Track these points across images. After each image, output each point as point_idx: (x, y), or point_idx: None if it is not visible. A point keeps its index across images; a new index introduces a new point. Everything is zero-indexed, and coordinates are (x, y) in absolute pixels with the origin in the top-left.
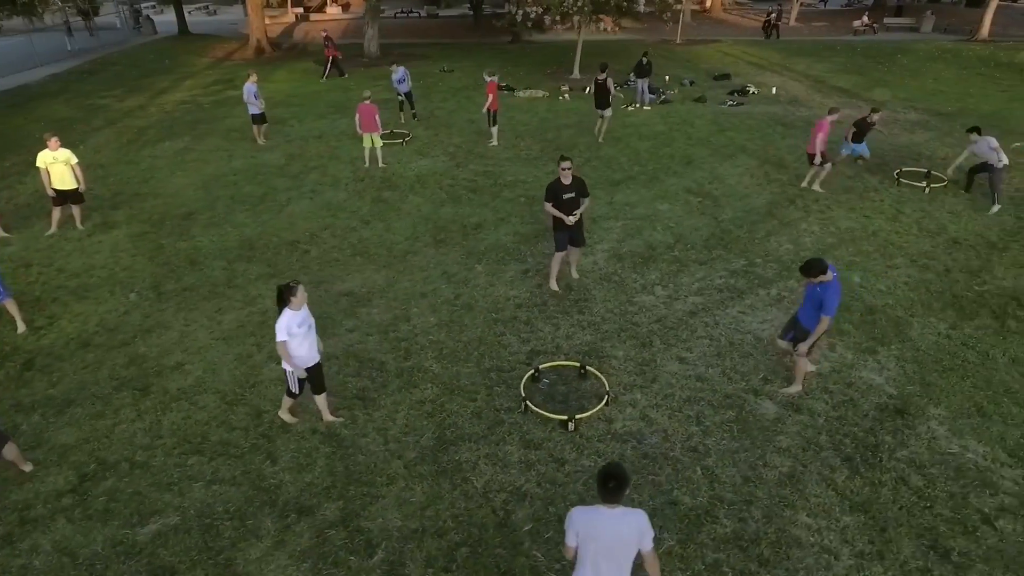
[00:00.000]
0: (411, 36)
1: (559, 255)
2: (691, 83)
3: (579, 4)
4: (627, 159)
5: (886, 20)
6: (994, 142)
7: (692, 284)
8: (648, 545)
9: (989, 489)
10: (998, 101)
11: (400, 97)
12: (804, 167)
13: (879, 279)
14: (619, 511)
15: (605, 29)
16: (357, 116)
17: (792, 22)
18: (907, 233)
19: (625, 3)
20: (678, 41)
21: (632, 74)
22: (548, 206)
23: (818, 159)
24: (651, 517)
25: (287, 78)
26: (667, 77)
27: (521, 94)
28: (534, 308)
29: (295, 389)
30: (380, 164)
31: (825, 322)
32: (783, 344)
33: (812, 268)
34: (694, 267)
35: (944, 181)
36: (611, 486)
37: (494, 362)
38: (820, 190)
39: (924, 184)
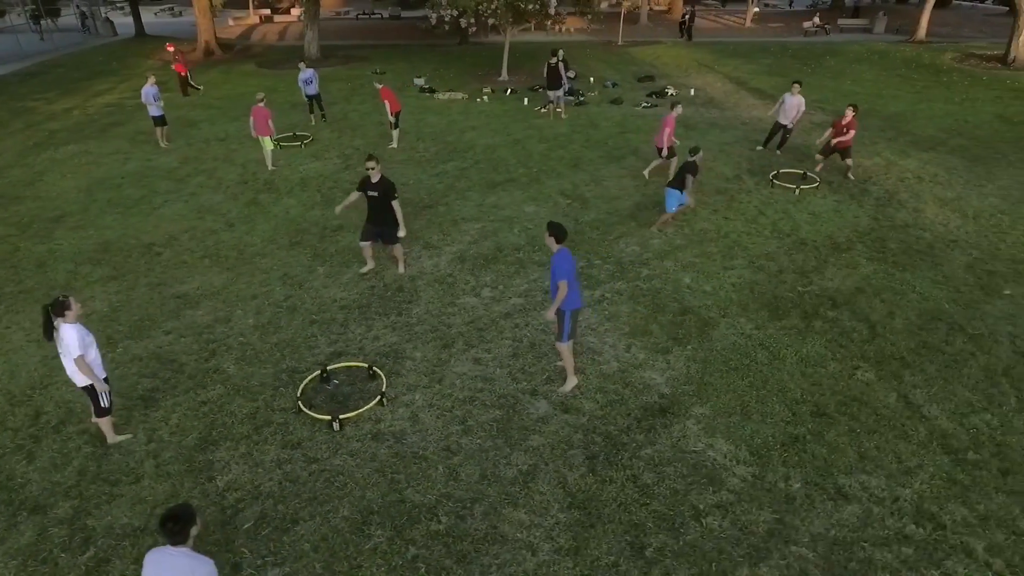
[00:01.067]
0: (368, 37)
1: (363, 244)
2: (613, 85)
3: (493, 7)
4: (517, 161)
5: (840, 21)
6: (803, 106)
7: (521, 286)
8: None
9: (713, 486)
10: (906, 102)
11: (306, 99)
12: None
13: (709, 280)
14: (182, 552)
15: (570, 30)
16: (251, 118)
17: (748, 23)
18: (758, 235)
19: (536, 6)
20: (619, 43)
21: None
22: (353, 195)
23: (665, 152)
24: (374, 514)
25: (223, 80)
26: (591, 79)
27: (441, 96)
28: (356, 310)
29: (107, 404)
30: (270, 167)
31: (563, 288)
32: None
33: (553, 229)
34: (532, 268)
35: (816, 182)
36: (169, 526)
37: (292, 363)
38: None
39: (795, 187)
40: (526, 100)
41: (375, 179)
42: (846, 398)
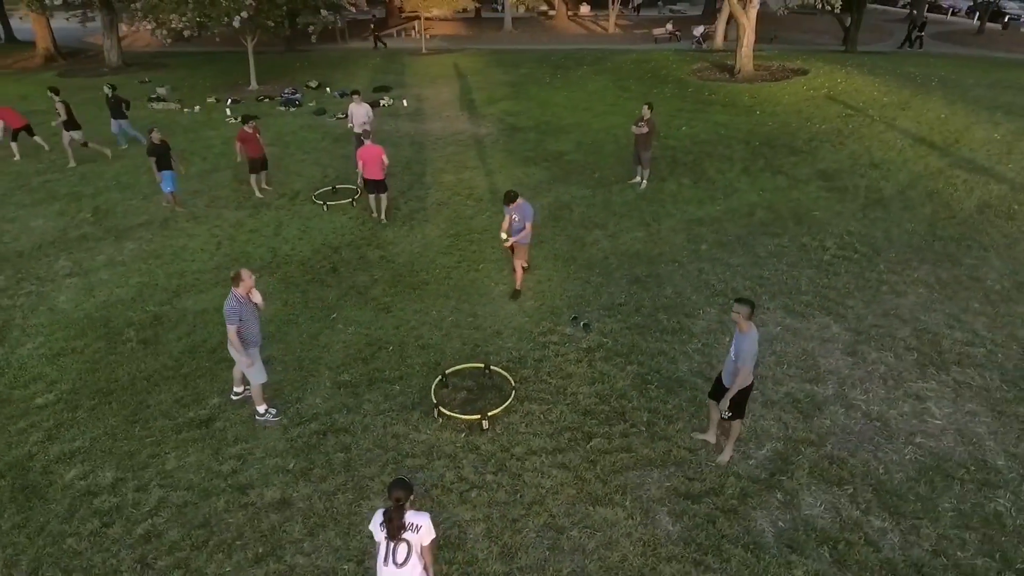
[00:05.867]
0: (199, 45)
1: None
2: (341, 95)
3: (181, 9)
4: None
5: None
6: (365, 116)
7: None
8: None
9: None
10: (592, 115)
11: None
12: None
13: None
14: None
15: (425, 35)
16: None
17: (612, 29)
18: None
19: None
20: (424, 51)
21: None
22: None
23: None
24: None
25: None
26: (327, 89)
27: (155, 105)
28: None
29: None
30: None
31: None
32: None
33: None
34: None
35: (351, 198)
36: None
37: None
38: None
39: (323, 203)
40: (227, 111)
41: None
42: None
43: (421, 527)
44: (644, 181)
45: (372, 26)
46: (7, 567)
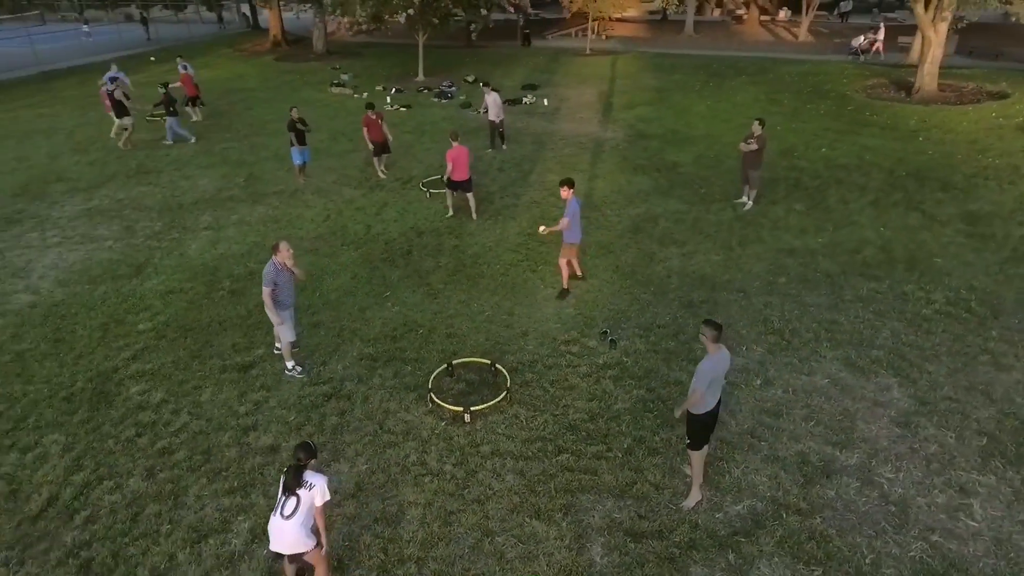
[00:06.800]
0: (393, 38)
1: None
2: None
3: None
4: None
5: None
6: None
7: None
8: None
9: None
10: (728, 127)
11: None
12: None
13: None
14: None
15: (602, 36)
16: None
17: (802, 37)
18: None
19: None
20: (588, 52)
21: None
22: None
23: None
24: None
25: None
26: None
27: (333, 90)
28: None
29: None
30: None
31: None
32: None
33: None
34: None
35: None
36: None
37: None
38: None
39: (427, 191)
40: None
41: None
42: None
43: (315, 486)
44: (750, 202)
45: (521, 24)
46: (64, 450)
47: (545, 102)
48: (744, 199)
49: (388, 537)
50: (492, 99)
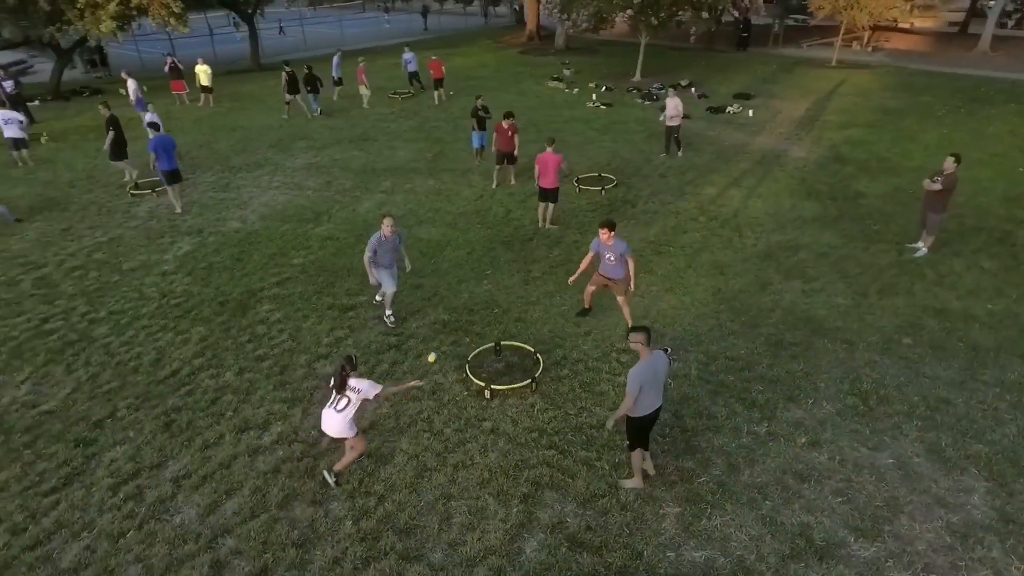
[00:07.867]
0: (635, 36)
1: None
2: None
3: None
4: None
5: None
6: (674, 108)
7: None
8: None
9: None
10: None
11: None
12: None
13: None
14: None
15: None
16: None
17: (985, 48)
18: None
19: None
20: (832, 63)
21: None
22: None
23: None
24: None
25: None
26: (682, 82)
27: (549, 83)
28: None
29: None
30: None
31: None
32: None
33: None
34: None
35: (614, 182)
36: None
37: None
38: None
39: (600, 188)
40: (595, 96)
41: None
42: None
43: (361, 389)
44: (924, 248)
45: (740, 27)
46: (200, 340)
47: (750, 113)
48: (919, 244)
49: (369, 471)
50: (673, 103)
